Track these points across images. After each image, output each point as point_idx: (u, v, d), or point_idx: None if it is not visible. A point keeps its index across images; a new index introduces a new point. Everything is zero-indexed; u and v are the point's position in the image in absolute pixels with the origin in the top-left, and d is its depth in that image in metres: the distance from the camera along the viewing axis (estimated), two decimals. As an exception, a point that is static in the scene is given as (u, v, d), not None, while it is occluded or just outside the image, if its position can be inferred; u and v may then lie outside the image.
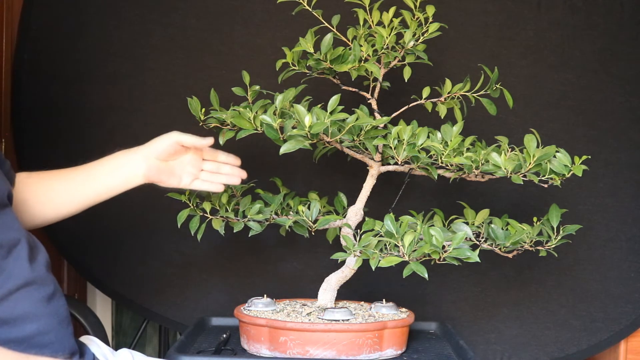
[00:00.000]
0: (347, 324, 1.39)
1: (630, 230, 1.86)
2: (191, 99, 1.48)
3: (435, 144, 1.40)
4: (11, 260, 1.19)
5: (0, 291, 1.16)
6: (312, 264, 1.88)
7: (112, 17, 1.90)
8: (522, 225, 1.46)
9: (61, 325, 1.23)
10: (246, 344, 1.47)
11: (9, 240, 1.20)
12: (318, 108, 1.35)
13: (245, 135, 1.40)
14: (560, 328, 1.87)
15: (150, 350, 2.48)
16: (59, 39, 1.91)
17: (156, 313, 1.93)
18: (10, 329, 1.16)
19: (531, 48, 1.86)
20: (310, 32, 1.47)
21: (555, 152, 1.39)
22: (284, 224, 1.52)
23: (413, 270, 1.28)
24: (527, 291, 1.88)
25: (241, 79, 1.50)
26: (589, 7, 1.85)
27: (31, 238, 1.27)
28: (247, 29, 1.89)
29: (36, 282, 1.21)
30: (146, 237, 1.91)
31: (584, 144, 1.85)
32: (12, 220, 1.24)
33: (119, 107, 1.91)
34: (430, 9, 1.48)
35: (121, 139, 1.89)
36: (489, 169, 1.40)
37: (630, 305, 1.85)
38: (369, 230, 1.41)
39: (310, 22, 1.49)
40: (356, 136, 1.39)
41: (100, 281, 1.94)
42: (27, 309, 1.18)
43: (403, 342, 1.47)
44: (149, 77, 1.90)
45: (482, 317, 1.89)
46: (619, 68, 1.85)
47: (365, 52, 1.45)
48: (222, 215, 1.52)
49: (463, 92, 1.50)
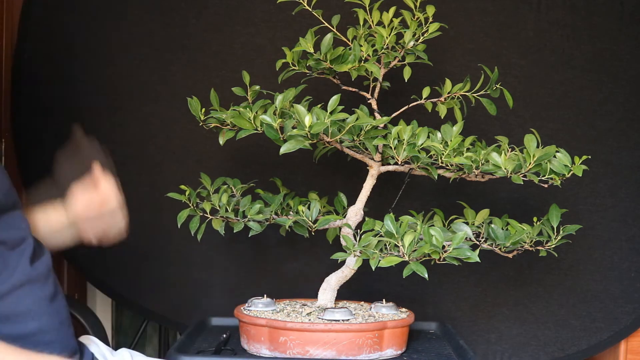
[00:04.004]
0: (347, 324, 1.39)
1: (630, 230, 1.86)
2: (191, 99, 1.48)
3: (435, 144, 1.40)
4: (15, 257, 1.20)
5: (4, 287, 1.17)
6: (312, 264, 1.88)
7: (112, 17, 1.90)
8: (522, 225, 1.46)
9: (62, 325, 1.23)
10: (246, 344, 1.47)
11: (14, 238, 1.21)
12: (318, 108, 1.35)
13: (245, 135, 1.40)
14: (560, 328, 1.87)
15: (150, 350, 2.47)
16: (59, 40, 1.91)
17: (156, 313, 1.93)
18: (12, 326, 1.17)
19: (531, 48, 1.86)
20: (310, 32, 1.47)
21: (555, 152, 1.39)
22: (284, 224, 1.52)
23: (413, 270, 1.28)
24: (527, 291, 1.88)
25: (241, 79, 1.50)
26: (589, 7, 1.85)
27: (37, 240, 1.28)
28: (247, 29, 1.89)
29: (39, 280, 1.22)
30: (146, 237, 1.91)
31: (584, 144, 1.85)
32: (20, 221, 1.26)
33: (119, 107, 1.91)
34: (430, 9, 1.48)
35: (121, 139, 1.91)
36: (489, 169, 1.40)
37: (630, 305, 1.85)
38: (369, 230, 1.41)
39: (310, 22, 1.49)
40: (356, 136, 1.39)
41: (100, 281, 1.94)
42: (29, 306, 1.19)
43: (403, 342, 1.47)
44: (149, 77, 1.90)
45: (482, 317, 1.89)
46: (619, 68, 1.85)
47: (365, 52, 1.45)
48: (222, 215, 1.52)
49: (463, 92, 1.50)
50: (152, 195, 1.89)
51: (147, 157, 1.90)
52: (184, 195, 1.53)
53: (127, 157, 1.89)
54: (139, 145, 1.90)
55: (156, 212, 1.88)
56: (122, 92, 1.91)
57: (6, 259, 1.18)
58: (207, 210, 1.52)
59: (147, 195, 1.90)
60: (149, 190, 1.90)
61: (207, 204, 1.52)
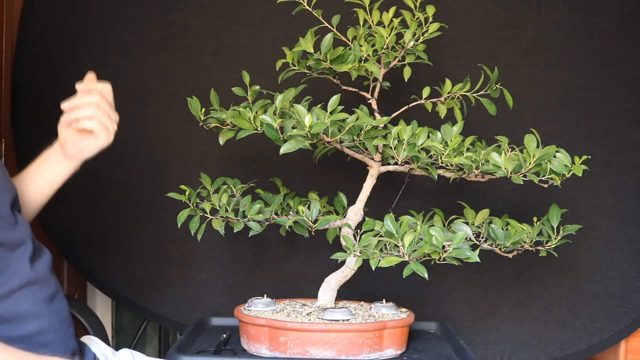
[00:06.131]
0: (347, 324, 1.39)
1: (630, 230, 1.86)
2: (191, 99, 1.48)
3: (435, 144, 1.40)
4: (15, 258, 1.19)
5: (3, 289, 1.17)
6: (312, 264, 1.88)
7: (112, 17, 1.90)
8: (522, 225, 1.46)
9: (62, 326, 1.23)
10: (246, 344, 1.47)
11: (13, 239, 1.21)
12: (318, 108, 1.35)
13: (245, 135, 1.40)
14: (560, 328, 1.87)
15: (150, 350, 2.47)
16: (59, 39, 1.91)
17: (156, 313, 1.93)
18: (11, 327, 1.16)
19: (531, 48, 1.86)
20: (310, 32, 1.47)
21: (555, 152, 1.39)
22: (284, 224, 1.52)
23: (413, 270, 1.28)
24: (527, 291, 1.88)
25: (241, 79, 1.50)
26: (589, 7, 1.85)
27: (36, 241, 1.28)
28: (247, 29, 1.89)
29: (39, 282, 1.21)
30: (146, 237, 1.92)
31: (584, 144, 1.85)
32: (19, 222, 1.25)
33: (118, 107, 1.91)
34: (430, 9, 1.48)
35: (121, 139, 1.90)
36: (489, 169, 1.40)
37: (630, 305, 1.85)
38: (369, 230, 1.41)
39: (310, 22, 1.49)
40: (356, 136, 1.39)
41: (100, 281, 1.94)
42: (29, 308, 1.19)
43: (403, 342, 1.47)
44: (149, 77, 1.90)
45: (482, 317, 1.89)
46: (619, 68, 1.85)
47: (365, 52, 1.45)
48: (222, 215, 1.52)
49: (463, 92, 1.50)
50: (152, 195, 1.89)
51: (147, 157, 1.90)
52: (184, 195, 1.53)
53: (127, 157, 1.90)
54: (139, 145, 1.90)
55: (156, 212, 1.88)
56: (122, 92, 1.91)
57: (5, 261, 1.18)
58: (207, 210, 1.52)
59: (147, 195, 1.90)
60: (149, 190, 1.90)
61: (207, 204, 1.52)
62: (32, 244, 1.24)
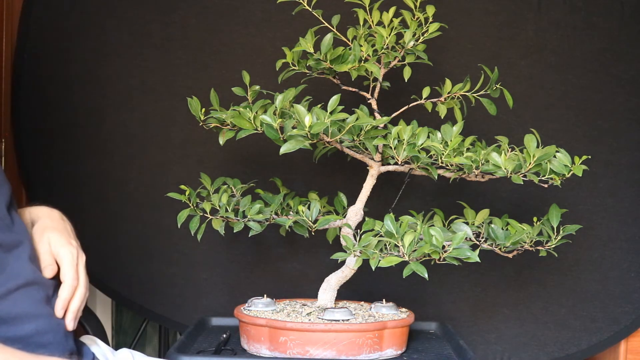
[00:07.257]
0: (347, 324, 1.39)
1: (630, 230, 1.86)
2: (191, 99, 1.48)
3: (435, 144, 1.40)
4: (12, 259, 1.19)
5: (1, 290, 1.16)
6: (312, 264, 1.88)
7: (112, 17, 1.90)
8: (522, 225, 1.46)
9: (60, 326, 1.23)
10: (246, 344, 1.47)
11: (9, 240, 1.20)
12: (318, 108, 1.35)
13: (245, 135, 1.40)
14: (560, 328, 1.87)
15: (150, 350, 2.47)
16: (59, 39, 1.91)
17: (156, 313, 1.93)
18: (9, 328, 1.16)
19: (531, 48, 1.86)
20: (310, 32, 1.47)
21: (555, 152, 1.39)
22: (284, 224, 1.52)
23: (413, 270, 1.28)
24: (527, 291, 1.88)
25: (241, 79, 1.50)
26: (589, 7, 1.85)
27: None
28: (247, 29, 1.89)
29: (37, 282, 1.21)
30: (146, 237, 1.91)
31: (584, 144, 1.85)
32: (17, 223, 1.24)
33: (119, 107, 1.91)
34: (430, 9, 1.48)
35: (121, 139, 1.91)
36: (489, 169, 1.40)
37: (630, 305, 1.85)
38: (369, 230, 1.41)
39: (310, 22, 1.49)
40: (356, 136, 1.39)
41: (100, 281, 1.93)
42: (26, 308, 1.18)
43: (403, 342, 1.47)
44: (149, 77, 1.90)
45: (482, 317, 1.89)
46: (619, 68, 1.85)
47: (365, 52, 1.45)
48: (222, 215, 1.52)
49: (463, 92, 1.50)
50: (152, 195, 1.89)
51: (147, 157, 1.90)
52: (184, 195, 1.53)
53: (127, 157, 1.90)
54: (139, 145, 1.90)
55: (156, 212, 1.88)
56: (122, 92, 1.91)
57: (2, 262, 1.18)
58: (207, 210, 1.52)
59: (147, 195, 1.90)
60: (149, 190, 1.90)
61: (207, 204, 1.52)
62: (30, 245, 1.24)
